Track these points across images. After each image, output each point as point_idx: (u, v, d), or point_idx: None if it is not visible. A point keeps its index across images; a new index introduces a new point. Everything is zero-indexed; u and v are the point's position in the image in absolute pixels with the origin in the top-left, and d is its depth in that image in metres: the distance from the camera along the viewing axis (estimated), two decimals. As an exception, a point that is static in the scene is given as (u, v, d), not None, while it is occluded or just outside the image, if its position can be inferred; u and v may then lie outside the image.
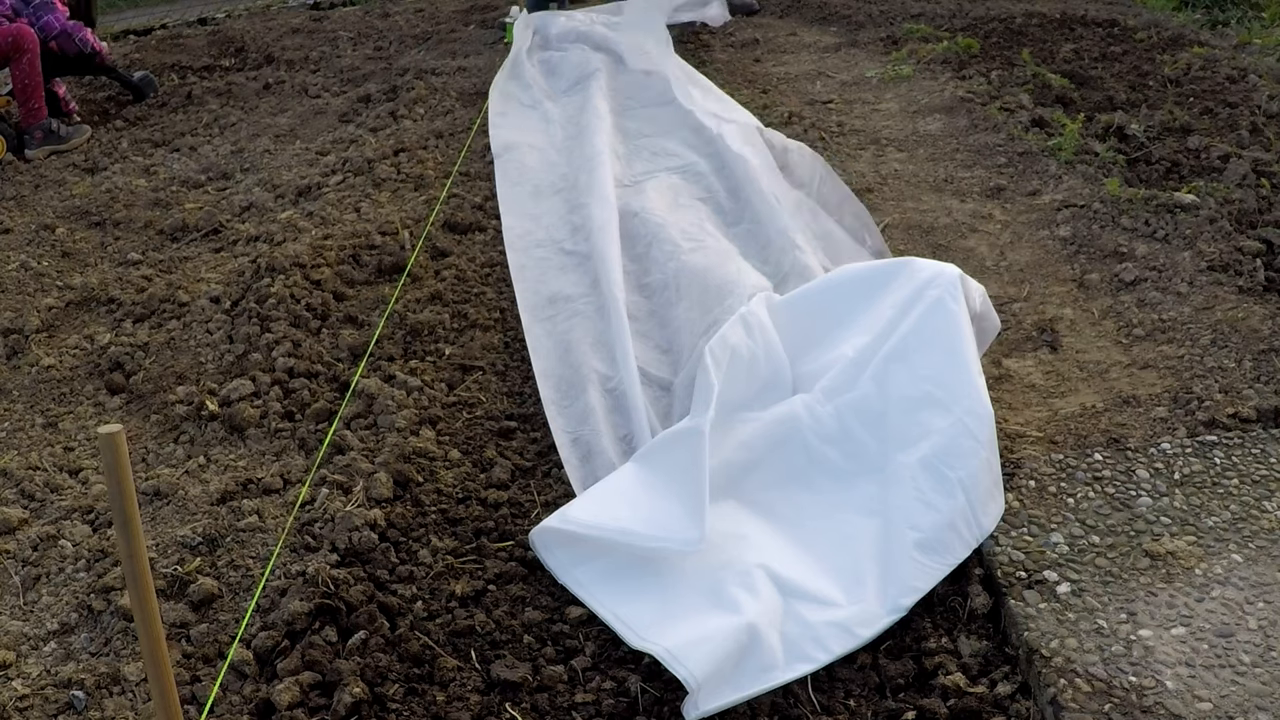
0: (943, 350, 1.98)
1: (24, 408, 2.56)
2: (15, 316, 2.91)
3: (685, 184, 3.24)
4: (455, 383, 2.47)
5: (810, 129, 3.80)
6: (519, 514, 2.03)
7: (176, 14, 7.25)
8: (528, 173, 3.56)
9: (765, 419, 2.05)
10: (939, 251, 2.84)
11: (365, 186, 3.60)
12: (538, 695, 1.62)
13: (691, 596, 1.75)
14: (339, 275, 2.94)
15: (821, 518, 1.91)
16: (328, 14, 6.69)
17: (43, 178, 4.17)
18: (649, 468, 1.98)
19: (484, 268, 3.00)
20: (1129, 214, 2.87)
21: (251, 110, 4.80)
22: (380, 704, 1.62)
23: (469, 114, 4.28)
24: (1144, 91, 3.92)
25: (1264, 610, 1.60)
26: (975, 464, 1.82)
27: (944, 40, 4.70)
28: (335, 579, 1.82)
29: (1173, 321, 2.41)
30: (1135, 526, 1.79)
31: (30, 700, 1.67)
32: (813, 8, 5.75)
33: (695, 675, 1.56)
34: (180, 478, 2.21)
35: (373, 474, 2.10)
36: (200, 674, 1.71)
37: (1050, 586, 1.68)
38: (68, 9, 4.78)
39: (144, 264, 3.24)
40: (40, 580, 1.96)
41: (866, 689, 1.62)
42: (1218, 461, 1.92)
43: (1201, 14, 5.05)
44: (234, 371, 2.55)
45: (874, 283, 2.20)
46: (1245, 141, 3.33)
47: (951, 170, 3.36)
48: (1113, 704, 1.48)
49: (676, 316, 2.52)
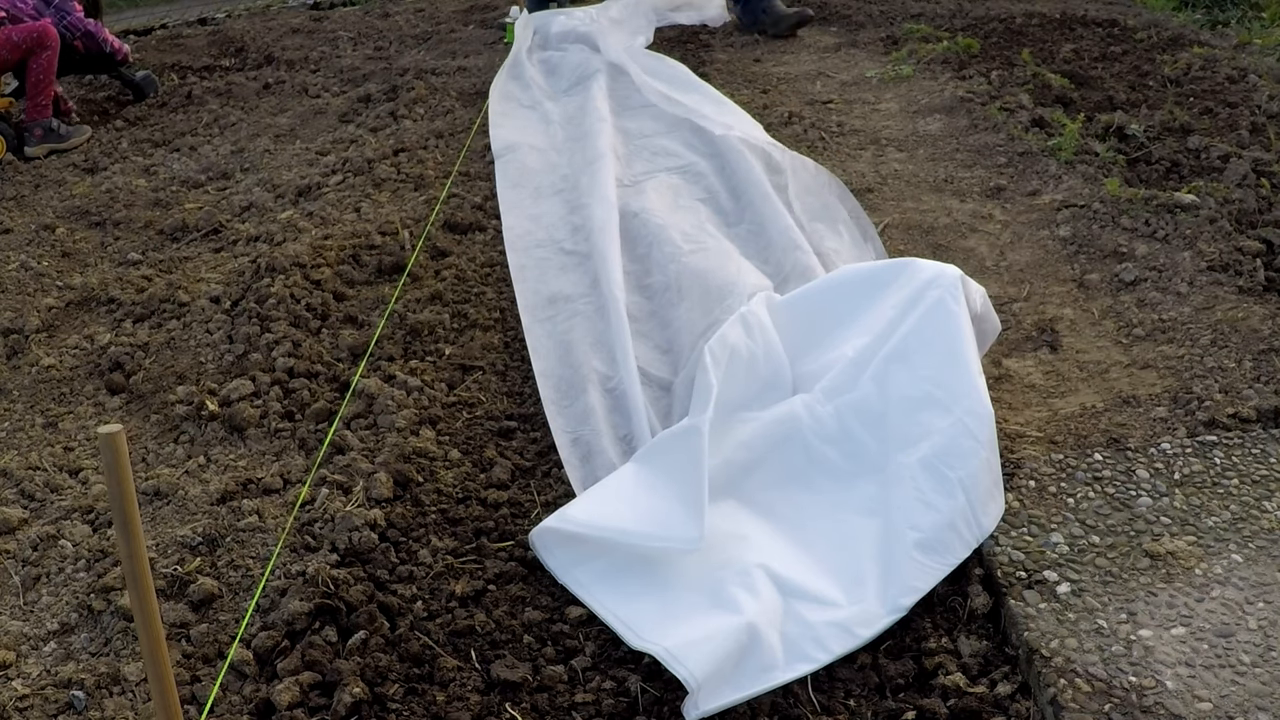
0: (943, 351, 1.99)
1: (24, 408, 2.56)
2: (15, 316, 2.91)
3: (686, 184, 3.24)
4: (455, 383, 2.47)
5: (810, 129, 3.80)
6: (519, 514, 2.03)
7: (176, 14, 7.25)
8: (528, 173, 3.56)
9: (765, 419, 2.05)
10: (939, 252, 2.84)
11: (365, 186, 3.60)
12: (538, 695, 1.62)
13: (691, 596, 1.75)
14: (339, 275, 2.94)
15: (821, 518, 1.91)
16: (328, 14, 6.69)
17: (43, 178, 4.17)
18: (649, 467, 1.98)
19: (484, 268, 3.00)
20: (1129, 214, 2.87)
21: (251, 110, 4.80)
22: (380, 704, 1.62)
23: (469, 114, 4.28)
24: (1144, 91, 3.92)
25: (1264, 610, 1.60)
26: (975, 464, 1.82)
27: (944, 40, 4.70)
28: (335, 579, 1.82)
29: (1173, 321, 2.41)
30: (1135, 526, 1.79)
31: (30, 700, 1.67)
32: (812, 7, 5.75)
33: (695, 675, 1.56)
34: (180, 478, 2.21)
35: (373, 474, 2.10)
36: (200, 674, 1.71)
37: (1050, 586, 1.68)
38: (82, 9, 4.85)
39: (144, 264, 3.24)
40: (40, 580, 1.96)
41: (866, 689, 1.62)
42: (1218, 461, 1.92)
43: (1201, 14, 5.05)
44: (234, 371, 2.55)
45: (875, 283, 2.20)
46: (1245, 141, 3.33)
47: (951, 170, 3.36)
48: (1113, 704, 1.48)
49: (677, 317, 2.52)
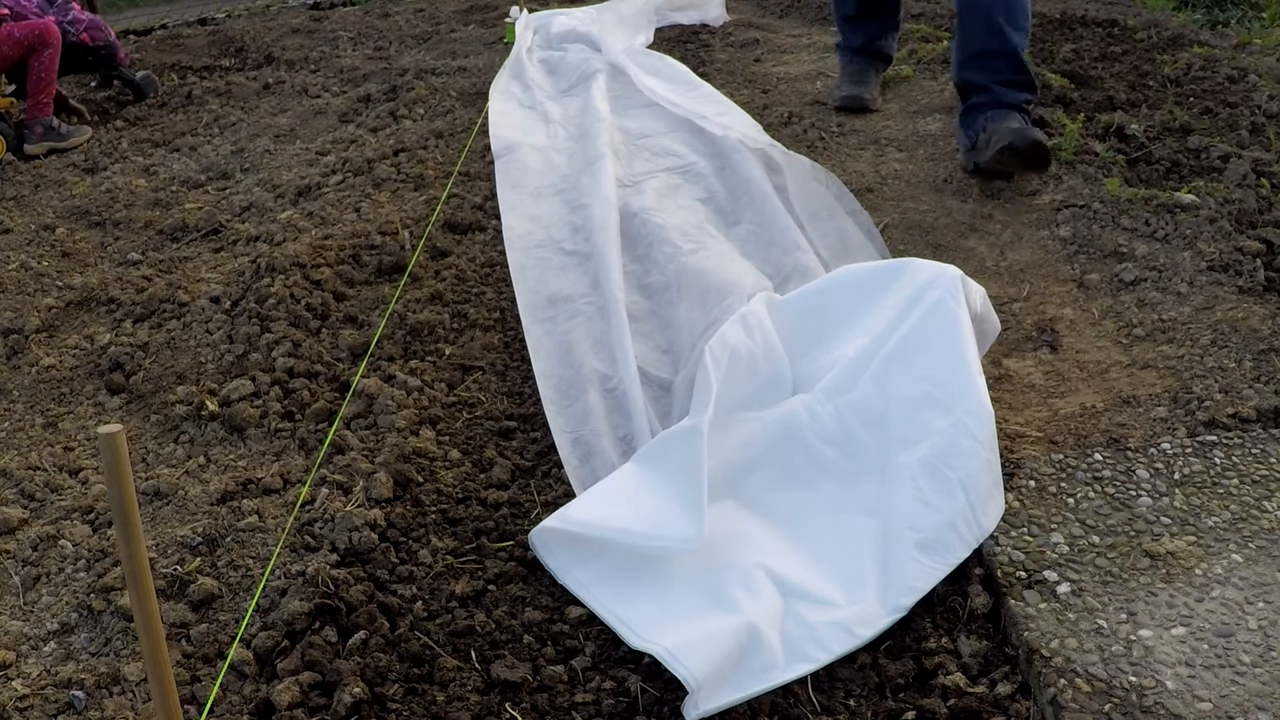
0: (943, 351, 1.99)
1: (24, 408, 2.56)
2: (15, 316, 2.91)
3: (686, 184, 3.24)
4: (455, 383, 2.47)
5: (810, 129, 3.80)
6: (519, 514, 2.03)
7: (176, 14, 7.25)
8: (528, 173, 3.56)
9: (765, 419, 2.05)
10: (939, 251, 2.84)
11: (365, 186, 3.60)
12: (538, 695, 1.62)
13: (691, 596, 1.75)
14: (339, 275, 2.94)
15: (821, 518, 1.91)
16: (328, 14, 6.69)
17: (43, 178, 4.17)
18: (649, 467, 1.98)
19: (484, 268, 3.00)
20: (1129, 214, 2.87)
21: (251, 110, 4.80)
22: (380, 704, 1.62)
23: (469, 114, 4.28)
24: (1144, 91, 3.92)
25: (1264, 610, 1.60)
26: (975, 464, 1.82)
27: (944, 40, 4.69)
28: (335, 579, 1.82)
29: (1173, 321, 2.41)
30: (1135, 526, 1.79)
31: (30, 700, 1.67)
32: (813, 8, 5.75)
33: (695, 675, 1.56)
34: (180, 478, 2.21)
35: (373, 474, 2.10)
36: (200, 674, 1.71)
37: (1050, 586, 1.68)
38: (79, 6, 4.90)
39: (144, 264, 3.24)
40: (40, 580, 1.96)
41: (866, 689, 1.62)
42: (1218, 461, 1.92)
43: (1201, 14, 5.05)
44: (234, 371, 2.55)
45: (874, 283, 2.20)
46: (1245, 141, 3.33)
47: (951, 170, 3.35)
48: (1113, 704, 1.48)
49: (677, 317, 2.52)
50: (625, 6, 5.34)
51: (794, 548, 1.85)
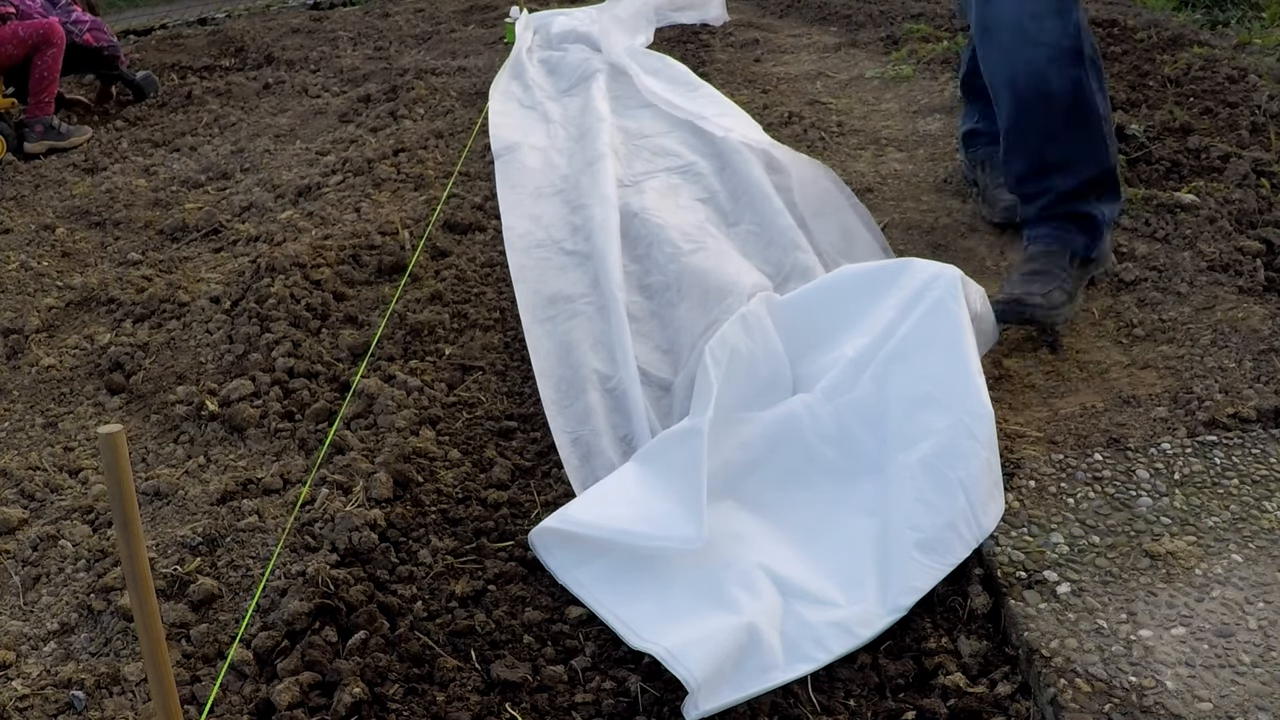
0: (943, 351, 1.98)
1: (24, 408, 2.56)
2: (15, 316, 2.91)
3: (686, 184, 3.24)
4: (455, 383, 2.47)
5: (810, 129, 3.80)
6: (519, 514, 2.03)
7: (176, 14, 7.25)
8: (528, 173, 3.56)
9: (765, 419, 2.05)
10: (939, 251, 2.84)
11: (365, 186, 3.60)
12: (538, 695, 1.62)
13: (691, 596, 1.75)
14: (339, 275, 2.94)
15: (821, 518, 1.91)
16: (328, 14, 6.69)
17: (43, 178, 4.17)
18: (649, 468, 1.98)
19: (484, 268, 3.00)
20: (1129, 214, 2.87)
21: (251, 110, 4.80)
22: (380, 704, 1.62)
23: (469, 114, 4.28)
24: (1144, 91, 3.92)
25: (1264, 610, 1.60)
26: (975, 464, 1.82)
27: (944, 40, 4.70)
28: (335, 579, 1.82)
29: (1173, 321, 2.41)
30: (1135, 526, 1.79)
31: (30, 700, 1.67)
32: (813, 8, 5.75)
33: (695, 675, 1.56)
34: (180, 478, 2.21)
35: (373, 474, 2.10)
36: (200, 674, 1.71)
37: (1050, 586, 1.68)
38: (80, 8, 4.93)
39: (144, 264, 3.24)
40: (40, 580, 1.96)
41: (866, 689, 1.62)
42: (1218, 461, 1.92)
43: (1201, 14, 5.05)
44: (234, 371, 2.55)
45: (874, 283, 2.20)
46: (1245, 141, 3.33)
47: (951, 170, 3.35)
48: (1113, 704, 1.48)
49: (678, 317, 2.52)
50: (625, 6, 5.34)
51: (794, 548, 1.85)
